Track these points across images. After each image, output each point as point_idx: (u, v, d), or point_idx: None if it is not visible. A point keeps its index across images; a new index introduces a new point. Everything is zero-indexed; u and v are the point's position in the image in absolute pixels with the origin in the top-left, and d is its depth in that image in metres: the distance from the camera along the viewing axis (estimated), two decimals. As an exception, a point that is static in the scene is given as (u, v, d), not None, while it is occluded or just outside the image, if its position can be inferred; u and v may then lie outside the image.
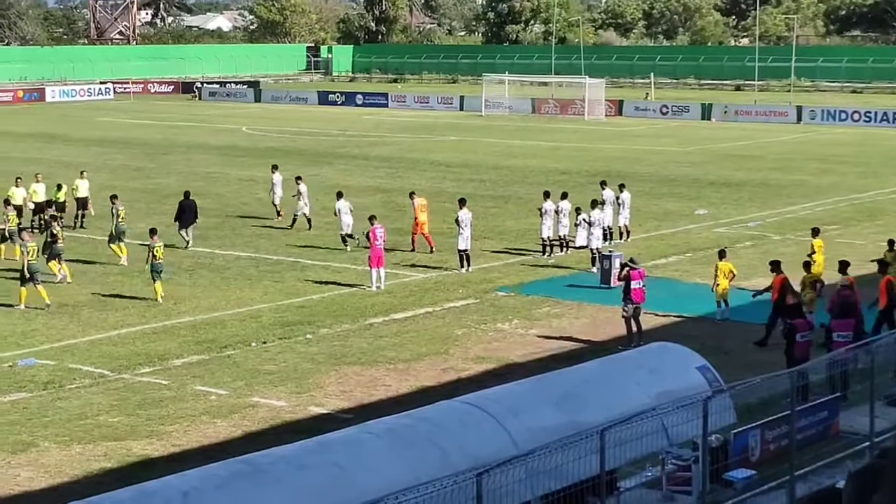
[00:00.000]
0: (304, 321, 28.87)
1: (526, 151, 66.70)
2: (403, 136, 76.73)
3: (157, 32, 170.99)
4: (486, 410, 14.19)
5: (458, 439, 13.55)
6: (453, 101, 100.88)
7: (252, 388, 23.63)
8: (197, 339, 27.24)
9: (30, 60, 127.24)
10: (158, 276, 31.13)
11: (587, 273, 34.13)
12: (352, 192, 49.76)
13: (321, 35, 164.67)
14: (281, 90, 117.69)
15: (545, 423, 14.23)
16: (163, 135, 77.14)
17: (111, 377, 24.36)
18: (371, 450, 13.04)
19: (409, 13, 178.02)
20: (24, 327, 28.28)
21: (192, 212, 38.71)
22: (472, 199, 40.98)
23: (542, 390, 15.32)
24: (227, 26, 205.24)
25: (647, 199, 47.25)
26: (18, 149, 67.14)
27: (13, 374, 24.57)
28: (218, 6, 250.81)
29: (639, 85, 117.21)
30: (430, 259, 36.32)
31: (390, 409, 17.76)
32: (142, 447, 20.35)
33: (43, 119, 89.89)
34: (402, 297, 31.43)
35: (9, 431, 21.05)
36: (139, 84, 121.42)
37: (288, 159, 62.39)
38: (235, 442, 20.30)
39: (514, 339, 27.46)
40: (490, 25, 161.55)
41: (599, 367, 16.64)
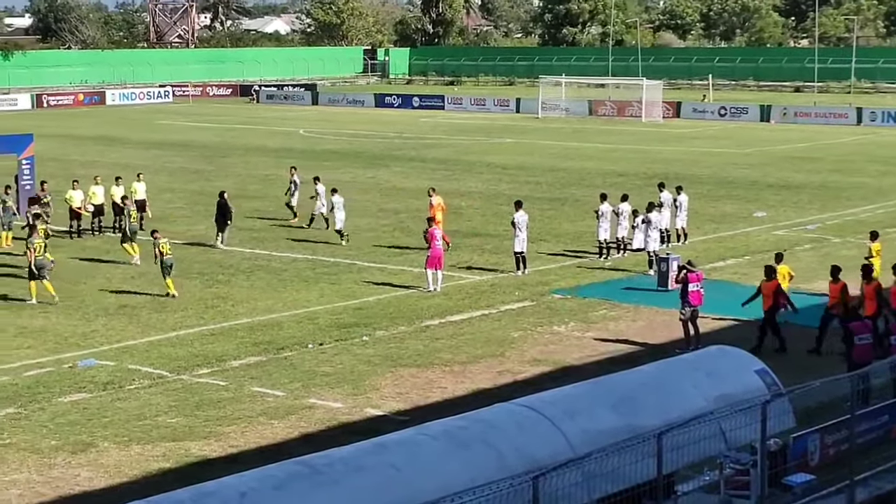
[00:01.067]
0: (361, 323, 28.94)
1: (582, 153, 66.53)
2: (460, 138, 76.76)
3: (215, 36, 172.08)
4: (542, 413, 14.15)
5: (515, 441, 13.52)
6: (510, 103, 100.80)
7: (309, 389, 23.72)
8: (254, 341, 27.38)
9: (90, 64, 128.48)
10: (169, 272, 31.74)
11: (644, 276, 33.98)
12: (408, 194, 49.96)
13: (378, 38, 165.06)
14: (338, 93, 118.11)
15: (602, 426, 14.16)
16: (221, 137, 77.65)
17: (170, 378, 24.54)
18: (427, 451, 13.04)
19: (466, 15, 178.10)
20: (84, 328, 28.55)
21: (221, 211, 38.95)
22: (529, 201, 40.90)
23: (598, 393, 15.25)
24: (285, 29, 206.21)
25: (705, 201, 46.99)
26: (78, 151, 67.81)
27: (73, 374, 24.80)
28: (276, 9, 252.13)
29: (697, 86, 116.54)
30: (487, 261, 36.29)
31: (446, 411, 17.76)
32: (200, 448, 20.48)
33: (103, 122, 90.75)
34: (458, 300, 31.44)
35: (69, 431, 21.25)
36: (198, 87, 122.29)
37: (344, 162, 62.68)
38: (292, 443, 20.39)
39: (570, 341, 27.38)
40: (547, 27, 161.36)
41: (656, 371, 16.55)
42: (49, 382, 24.21)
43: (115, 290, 32.64)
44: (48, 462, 19.81)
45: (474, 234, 40.85)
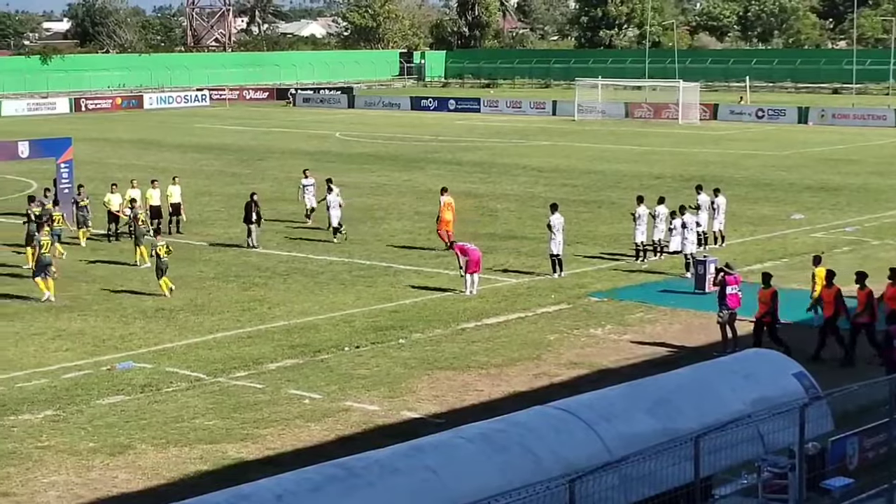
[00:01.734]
0: (397, 326, 28.96)
1: (619, 156, 66.37)
2: (495, 140, 76.74)
3: (252, 39, 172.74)
4: (578, 416, 14.11)
5: (551, 445, 13.49)
6: (546, 105, 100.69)
7: (345, 392, 23.75)
8: (291, 344, 27.44)
9: (128, 68, 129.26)
10: (162, 274, 32.22)
11: (681, 278, 33.85)
12: (444, 197, 49.88)
13: (414, 41, 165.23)
14: (374, 96, 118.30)
15: (638, 430, 14.12)
16: (257, 141, 77.93)
17: (207, 381, 24.62)
18: (464, 454, 13.03)
19: (502, 18, 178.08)
20: (122, 331, 28.69)
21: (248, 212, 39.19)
22: (565, 203, 40.84)
23: (635, 396, 15.20)
24: (321, 33, 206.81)
25: (743, 203, 46.76)
26: (116, 155, 68.19)
27: (111, 376, 24.92)
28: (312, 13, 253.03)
29: (734, 88, 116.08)
30: (523, 264, 36.25)
31: (482, 414, 17.74)
32: (237, 450, 20.54)
33: (140, 126, 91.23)
34: (495, 302, 31.41)
35: (107, 433, 21.36)
36: (235, 91, 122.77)
37: (380, 165, 62.77)
38: (329, 445, 20.42)
39: (606, 344, 27.31)
40: (583, 30, 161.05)
41: (693, 374, 16.48)
42: (87, 385, 24.35)
43: (152, 292, 32.78)
44: (86, 464, 19.92)
45: (510, 237, 40.80)
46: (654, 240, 36.42)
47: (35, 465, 19.86)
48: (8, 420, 22.11)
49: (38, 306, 31.12)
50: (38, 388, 24.16)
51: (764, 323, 25.84)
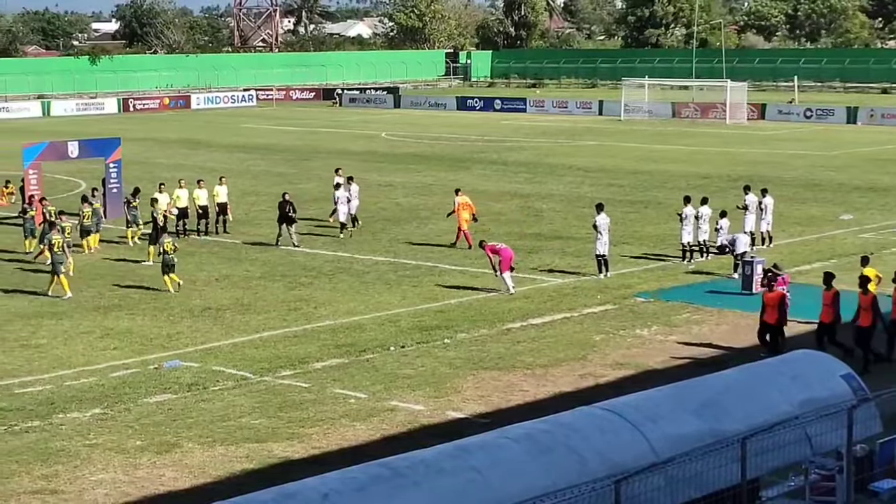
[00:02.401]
0: (442, 326, 28.97)
1: (665, 156, 66.10)
2: (541, 140, 76.63)
3: (298, 40, 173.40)
4: (624, 417, 14.05)
5: (597, 445, 13.44)
6: (592, 105, 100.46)
7: (391, 391, 23.78)
8: (336, 343, 27.50)
9: (176, 68, 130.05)
10: (171, 270, 32.84)
11: (728, 279, 33.66)
12: (490, 197, 49.95)
13: (460, 41, 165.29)
14: (420, 96, 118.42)
15: (685, 431, 14.04)
16: (304, 141, 78.19)
17: (253, 380, 24.73)
18: (509, 455, 13.00)
19: (549, 18, 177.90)
20: (169, 330, 28.86)
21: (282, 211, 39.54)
22: (611, 204, 40.73)
23: (681, 397, 15.12)
24: (367, 33, 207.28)
25: (791, 204, 46.46)
26: (164, 155, 68.62)
27: (159, 375, 25.08)
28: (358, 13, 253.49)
29: (782, 88, 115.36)
30: (569, 264, 36.17)
31: (528, 415, 17.70)
32: (282, 449, 20.61)
33: (188, 126, 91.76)
34: (540, 303, 31.36)
35: (154, 432, 21.49)
36: (281, 91, 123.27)
37: (426, 165, 62.82)
38: (374, 445, 20.45)
39: (653, 345, 27.20)
40: (630, 29, 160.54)
41: (740, 375, 16.37)
42: (135, 383, 24.51)
43: (199, 291, 32.98)
44: (134, 462, 20.05)
45: (556, 237, 40.73)
46: (699, 241, 36.24)
47: (83, 462, 20.01)
48: (57, 418, 22.30)
49: (86, 305, 31.39)
50: (86, 386, 24.35)
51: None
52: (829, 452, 15.38)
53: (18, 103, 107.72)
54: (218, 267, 36.36)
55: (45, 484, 19.12)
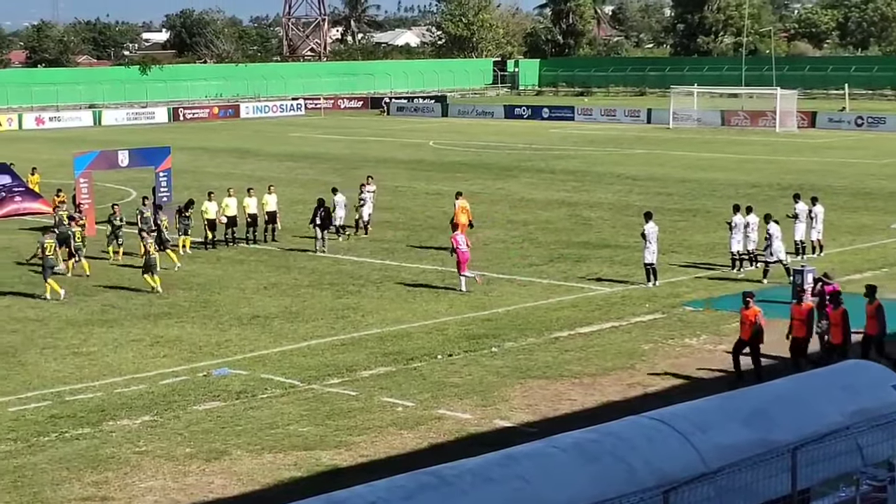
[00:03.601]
0: (490, 334, 28.94)
1: (714, 164, 65.78)
2: (589, 149, 76.47)
3: (347, 49, 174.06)
4: (673, 426, 13.98)
5: (645, 455, 13.37)
6: (640, 113, 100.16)
7: (438, 400, 23.77)
8: (384, 351, 27.53)
9: (225, 78, 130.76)
10: (149, 271, 34.02)
11: (778, 287, 33.40)
12: (537, 206, 49.92)
13: (508, 49, 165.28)
14: (467, 104, 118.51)
15: (734, 441, 13.95)
16: (352, 149, 78.41)
17: (301, 388, 24.79)
18: (557, 464, 12.97)
19: (597, 26, 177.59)
20: (217, 338, 29.00)
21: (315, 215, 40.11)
22: (659, 212, 40.58)
23: (730, 407, 15.02)
24: (415, 42, 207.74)
25: (841, 212, 46.11)
26: (213, 164, 69.02)
27: (207, 383, 25.20)
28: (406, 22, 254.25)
29: (833, 96, 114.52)
30: (617, 273, 36.05)
31: (575, 424, 17.66)
32: (330, 457, 20.65)
33: (237, 135, 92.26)
34: (588, 311, 31.26)
35: (203, 439, 21.59)
36: (329, 100, 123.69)
37: (474, 173, 62.83)
38: (422, 453, 20.44)
39: (701, 354, 27.05)
40: (679, 37, 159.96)
41: (790, 385, 16.25)
42: (184, 391, 24.64)
43: (248, 299, 33.13)
44: (183, 469, 20.14)
45: (604, 246, 40.60)
46: (747, 250, 35.96)
47: (133, 469, 20.13)
48: (107, 425, 22.44)
49: (136, 313, 31.60)
50: (136, 393, 24.50)
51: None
52: (880, 463, 15.24)
53: (70, 113, 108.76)
54: (266, 275, 36.51)
55: (95, 491, 19.25)
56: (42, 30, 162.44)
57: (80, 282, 35.71)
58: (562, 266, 37.34)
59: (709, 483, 12.60)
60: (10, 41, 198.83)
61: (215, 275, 36.75)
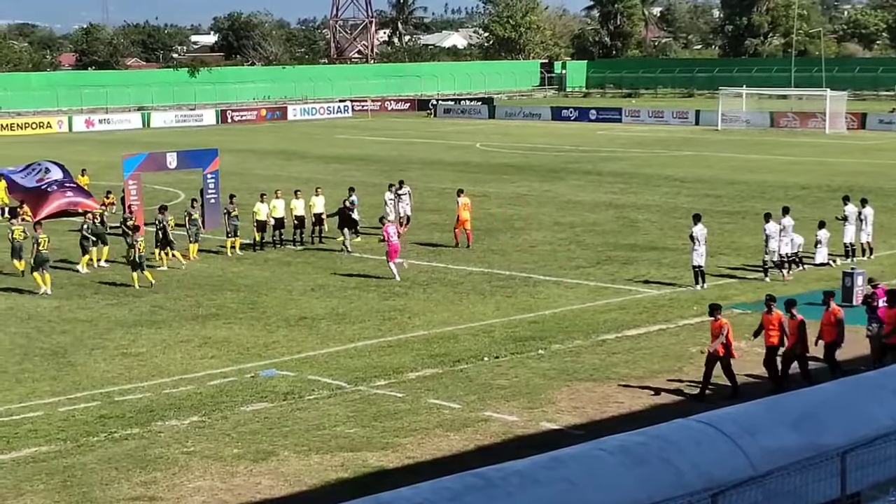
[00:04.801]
0: (536, 336, 28.89)
1: (763, 166, 65.38)
2: (637, 151, 76.20)
3: (394, 51, 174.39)
4: (721, 430, 13.89)
5: (693, 458, 13.30)
6: (689, 115, 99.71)
7: (484, 402, 23.75)
8: (431, 353, 27.54)
9: (273, 80, 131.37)
10: (140, 267, 35.29)
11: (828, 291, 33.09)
12: (585, 208, 49.80)
13: (555, 51, 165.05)
14: (515, 106, 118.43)
15: (783, 444, 13.84)
16: (399, 151, 78.53)
17: (348, 389, 24.85)
18: (604, 466, 12.92)
19: (645, 28, 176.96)
20: (265, 339, 29.12)
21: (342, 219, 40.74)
22: (708, 214, 40.39)
23: (779, 410, 14.91)
24: (463, 44, 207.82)
25: (892, 214, 45.70)
26: (261, 166, 69.33)
27: (255, 384, 25.31)
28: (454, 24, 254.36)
29: (883, 97, 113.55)
30: (664, 275, 35.91)
31: (622, 426, 17.58)
32: (377, 458, 20.67)
33: (284, 137, 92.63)
34: (636, 314, 31.15)
35: (251, 440, 21.68)
36: (376, 102, 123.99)
37: (521, 175, 62.77)
38: (468, 455, 20.42)
39: (750, 357, 26.84)
40: (728, 38, 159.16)
41: (840, 388, 16.12)
42: (232, 392, 24.76)
43: (295, 301, 33.24)
44: (231, 470, 20.23)
45: (652, 248, 40.44)
46: (781, 253, 35.58)
47: (181, 470, 20.24)
48: (156, 426, 22.59)
49: (185, 315, 31.79)
50: (184, 394, 24.64)
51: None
52: (932, 467, 15.08)
53: (119, 115, 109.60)
54: (313, 277, 36.64)
55: (143, 491, 19.37)
56: (92, 32, 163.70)
57: (128, 283, 35.91)
58: (609, 268, 37.24)
59: (757, 487, 12.51)
60: (60, 44, 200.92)
61: (263, 276, 36.90)
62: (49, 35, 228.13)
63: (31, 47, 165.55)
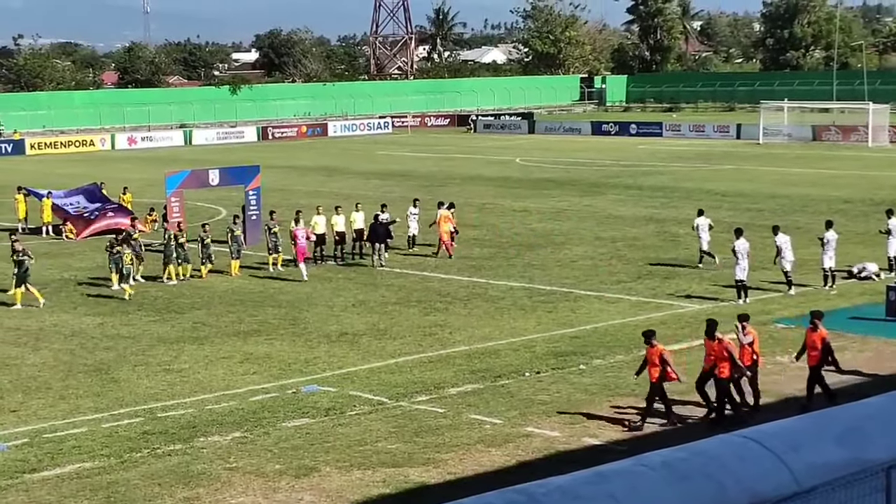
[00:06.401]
0: (578, 352, 28.81)
1: (805, 180, 65.03)
2: (678, 165, 75.99)
3: (433, 67, 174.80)
4: (764, 445, 13.80)
5: (736, 474, 13.21)
6: (730, 129, 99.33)
7: (526, 417, 23.70)
8: (472, 369, 27.52)
9: (313, 97, 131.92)
10: (126, 279, 37.05)
11: (872, 305, 32.90)
12: (625, 222, 49.66)
13: (595, 65, 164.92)
14: (554, 121, 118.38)
15: (827, 460, 13.73)
16: (438, 167, 78.62)
17: (389, 404, 24.86)
18: (647, 482, 12.86)
19: (685, 41, 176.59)
20: (307, 355, 29.19)
21: (373, 233, 40.93)
22: (749, 228, 40.18)
23: (823, 425, 14.80)
24: (502, 59, 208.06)
25: (936, 227, 45.25)
26: (302, 182, 69.57)
27: (297, 400, 25.36)
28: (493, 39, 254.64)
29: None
30: (706, 290, 35.74)
31: (665, 442, 17.51)
32: (419, 474, 20.66)
33: (325, 153, 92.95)
34: (677, 328, 31.01)
35: (293, 455, 21.72)
36: (416, 118, 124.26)
37: (561, 190, 62.73)
38: (510, 471, 20.39)
39: (793, 372, 26.67)
40: (769, 52, 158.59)
41: (885, 402, 15.96)
42: (273, 407, 24.82)
43: (336, 317, 33.31)
44: (272, 486, 20.27)
45: (693, 262, 40.25)
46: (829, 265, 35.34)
47: (223, 486, 20.30)
48: (198, 441, 22.67)
49: (226, 331, 31.92)
50: (226, 410, 24.73)
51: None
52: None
53: (161, 132, 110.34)
54: (354, 292, 36.71)
55: (186, 506, 19.45)
56: (134, 51, 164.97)
57: (172, 300, 36.15)
58: (650, 283, 37.12)
59: (801, 502, 12.42)
60: (102, 62, 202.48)
61: (304, 292, 37.01)
62: (92, 54, 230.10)
63: (74, 66, 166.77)
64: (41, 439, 23.01)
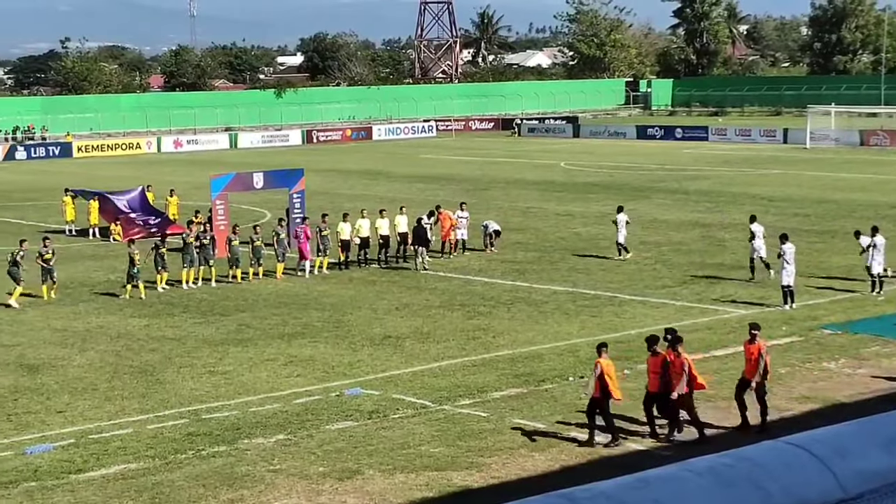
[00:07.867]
0: (622, 356, 28.63)
1: (853, 185, 64.53)
2: (723, 169, 75.58)
3: (478, 71, 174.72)
4: (810, 451, 13.66)
5: (782, 480, 13.08)
6: (776, 133, 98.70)
7: (569, 422, 23.61)
8: (515, 373, 27.46)
9: (358, 100, 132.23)
10: (132, 280, 36.95)
11: (917, 311, 32.59)
12: (670, 227, 49.44)
13: (640, 69, 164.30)
14: (599, 125, 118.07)
15: (874, 467, 13.57)
16: (482, 171, 78.56)
17: (432, 408, 24.84)
18: (691, 488, 12.75)
19: (731, 45, 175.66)
20: (350, 358, 29.22)
21: (416, 237, 41.05)
22: (796, 233, 39.93)
23: (870, 432, 14.62)
24: (547, 62, 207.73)
25: None
26: (346, 185, 69.73)
27: (340, 402, 25.39)
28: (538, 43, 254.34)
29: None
30: (752, 295, 35.52)
31: (710, 448, 17.42)
32: (462, 478, 20.63)
33: (369, 156, 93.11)
34: (723, 334, 30.82)
35: (336, 458, 21.74)
36: (460, 121, 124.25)
37: (605, 194, 62.51)
38: (553, 476, 20.32)
39: (840, 378, 26.47)
40: (816, 56, 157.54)
41: (934, 410, 15.81)
42: (317, 410, 24.86)
43: (379, 320, 33.33)
44: (316, 488, 20.30)
45: (738, 267, 40.00)
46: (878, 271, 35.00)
47: (267, 488, 20.35)
48: (242, 444, 22.74)
49: (271, 333, 32.02)
50: (270, 412, 24.79)
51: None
52: None
53: (207, 136, 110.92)
54: (398, 296, 36.73)
55: (230, 508, 19.51)
56: (180, 54, 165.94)
57: (216, 302, 36.31)
58: (695, 288, 36.94)
59: (848, 510, 12.28)
60: (149, 66, 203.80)
61: (348, 295, 37.07)
62: (138, 57, 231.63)
63: (121, 69, 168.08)
64: (87, 440, 23.16)
